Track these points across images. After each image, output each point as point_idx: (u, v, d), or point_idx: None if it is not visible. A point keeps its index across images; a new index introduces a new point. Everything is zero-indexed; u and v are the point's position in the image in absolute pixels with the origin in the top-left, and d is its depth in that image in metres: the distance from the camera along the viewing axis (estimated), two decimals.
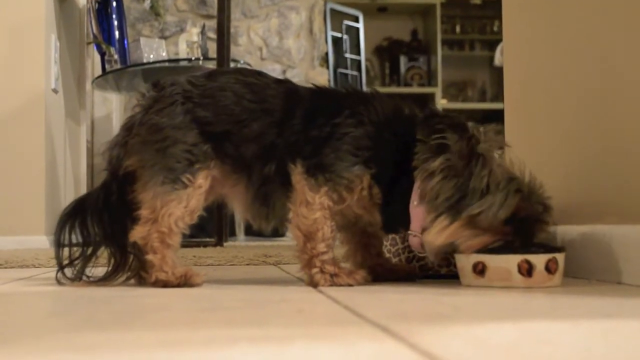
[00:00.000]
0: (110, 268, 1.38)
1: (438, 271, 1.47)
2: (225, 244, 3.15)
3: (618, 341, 0.74)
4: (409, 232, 1.32)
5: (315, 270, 1.30)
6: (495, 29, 6.90)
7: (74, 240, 1.40)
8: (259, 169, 1.34)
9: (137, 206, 1.35)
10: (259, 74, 1.44)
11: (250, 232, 4.33)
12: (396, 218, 1.32)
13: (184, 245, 2.85)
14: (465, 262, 1.30)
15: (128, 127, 1.39)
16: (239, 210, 1.41)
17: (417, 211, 1.29)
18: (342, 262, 1.42)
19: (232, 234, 4.17)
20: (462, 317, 0.94)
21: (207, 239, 3.17)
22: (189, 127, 1.35)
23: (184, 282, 1.31)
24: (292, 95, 1.38)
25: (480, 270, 1.27)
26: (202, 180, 1.34)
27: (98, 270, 1.40)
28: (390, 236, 1.54)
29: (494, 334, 0.78)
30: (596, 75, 1.45)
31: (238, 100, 1.37)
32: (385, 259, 1.47)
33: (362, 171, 1.30)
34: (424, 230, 1.28)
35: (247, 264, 2.01)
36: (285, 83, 1.41)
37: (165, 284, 1.31)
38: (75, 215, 1.41)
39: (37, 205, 3.16)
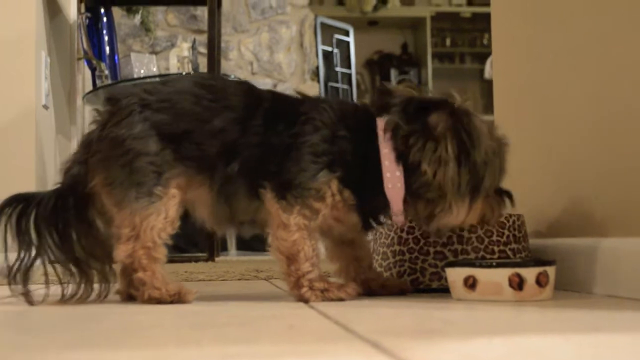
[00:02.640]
0: (74, 286, 1.34)
1: (429, 285, 1.47)
2: (217, 259, 3.14)
3: (609, 355, 0.74)
4: (391, 214, 1.32)
5: (304, 289, 1.29)
6: (485, 42, 6.94)
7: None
8: (222, 168, 1.32)
9: (93, 225, 1.36)
10: (218, 77, 1.44)
11: (242, 246, 4.32)
12: (374, 211, 1.33)
13: (176, 260, 2.82)
14: (456, 276, 1.30)
15: (86, 144, 1.37)
16: (205, 215, 1.37)
17: (394, 194, 1.30)
18: (333, 277, 1.41)
19: (224, 248, 4.16)
20: (453, 332, 0.94)
21: (199, 254, 3.16)
22: (148, 134, 1.32)
23: (178, 299, 1.30)
24: (252, 94, 1.37)
25: (471, 284, 1.27)
26: (175, 190, 1.32)
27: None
28: (381, 250, 1.54)
29: (485, 349, 0.78)
30: (587, 87, 1.46)
31: (197, 100, 1.34)
32: (377, 273, 1.47)
33: (327, 177, 1.28)
34: (429, 216, 1.31)
35: (239, 279, 2.01)
36: (245, 83, 1.41)
37: (159, 301, 1.30)
38: (14, 210, 1.38)
39: None
